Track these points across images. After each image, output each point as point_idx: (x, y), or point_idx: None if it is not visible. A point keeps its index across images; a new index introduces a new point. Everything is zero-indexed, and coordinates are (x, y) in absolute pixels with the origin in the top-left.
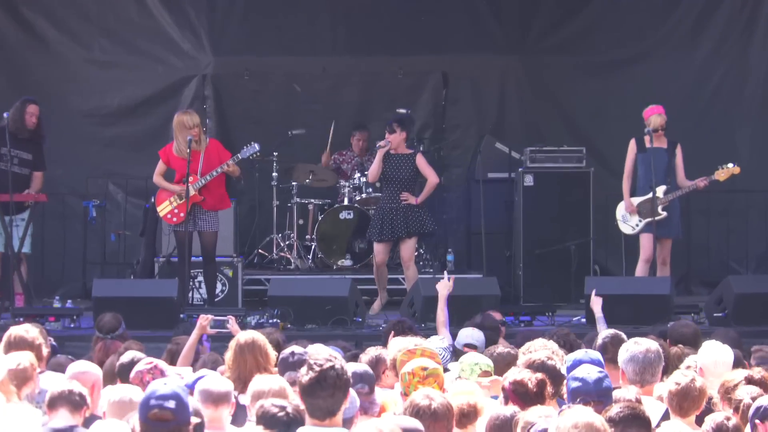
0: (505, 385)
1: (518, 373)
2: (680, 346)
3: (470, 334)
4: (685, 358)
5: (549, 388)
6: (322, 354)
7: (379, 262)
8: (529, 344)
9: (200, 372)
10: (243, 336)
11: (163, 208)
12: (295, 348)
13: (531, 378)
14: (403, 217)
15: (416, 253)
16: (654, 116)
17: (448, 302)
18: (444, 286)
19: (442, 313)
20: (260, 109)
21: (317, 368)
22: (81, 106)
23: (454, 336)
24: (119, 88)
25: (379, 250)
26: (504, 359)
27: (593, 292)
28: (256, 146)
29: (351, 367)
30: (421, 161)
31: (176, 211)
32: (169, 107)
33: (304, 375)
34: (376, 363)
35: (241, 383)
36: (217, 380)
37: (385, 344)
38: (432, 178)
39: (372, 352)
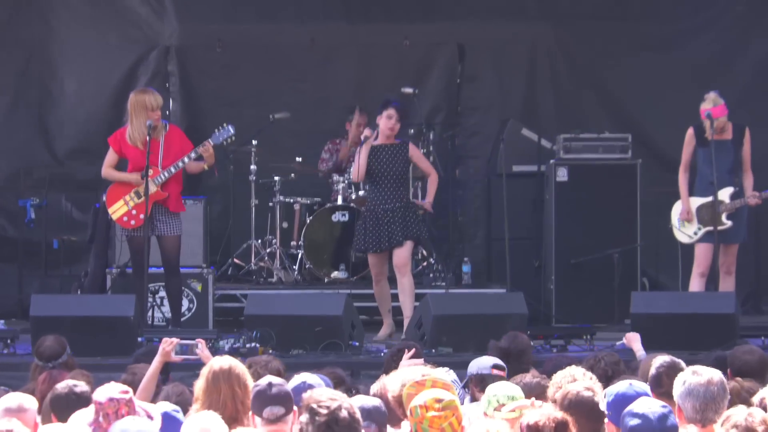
0: (522, 426)
1: (537, 413)
2: (738, 379)
3: (481, 363)
4: (747, 392)
5: (573, 431)
6: (322, 393)
7: (377, 277)
8: (561, 374)
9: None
10: (218, 362)
11: (117, 209)
12: (273, 379)
13: (548, 421)
14: (401, 219)
15: (425, 263)
16: (708, 120)
17: (464, 323)
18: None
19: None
20: (235, 89)
21: (325, 412)
22: None
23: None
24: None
25: (375, 263)
26: (531, 391)
27: (626, 337)
28: (231, 129)
29: (357, 401)
30: (415, 152)
31: (133, 212)
32: (122, 87)
33: (309, 424)
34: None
35: None
36: (207, 422)
37: (387, 373)
38: (433, 172)
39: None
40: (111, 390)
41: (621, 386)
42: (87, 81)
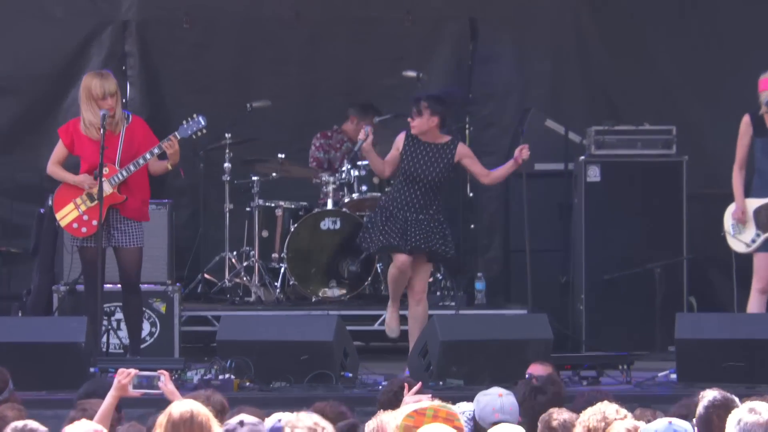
0: None
1: None
2: None
3: (495, 403)
4: None
5: None
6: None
7: (401, 267)
8: (590, 412)
9: None
10: (178, 408)
11: (66, 214)
12: (246, 417)
13: None
14: (424, 233)
15: (431, 279)
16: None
17: (477, 350)
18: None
19: None
20: (206, 72)
21: None
22: None
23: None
24: None
25: (402, 258)
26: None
27: None
28: (201, 120)
29: None
30: (466, 154)
31: (85, 217)
32: (71, 70)
33: None
34: None
35: None
36: None
37: (385, 409)
38: (490, 174)
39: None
40: (83, 429)
41: (658, 425)
42: (26, 63)
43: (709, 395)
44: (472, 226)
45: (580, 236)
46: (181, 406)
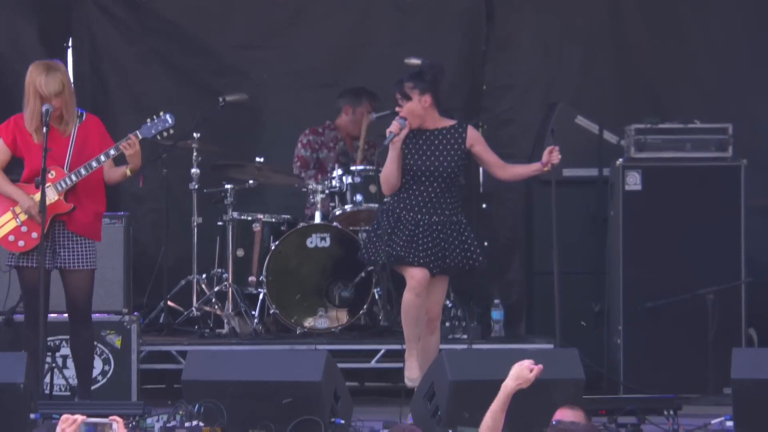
0: None
1: None
2: None
3: None
4: None
5: None
6: None
7: (416, 286)
8: None
9: None
10: None
11: (1, 226)
12: None
13: None
14: (440, 240)
15: None
16: None
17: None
18: (521, 374)
19: (494, 420)
20: (168, 59)
21: None
22: None
23: None
24: None
25: (418, 273)
26: None
27: None
28: (168, 119)
29: None
30: (477, 140)
31: (23, 229)
32: (5, 58)
33: None
34: None
35: None
36: None
37: None
38: (507, 167)
39: None
40: None
41: None
42: None
43: None
44: (486, 243)
45: (618, 256)
46: None
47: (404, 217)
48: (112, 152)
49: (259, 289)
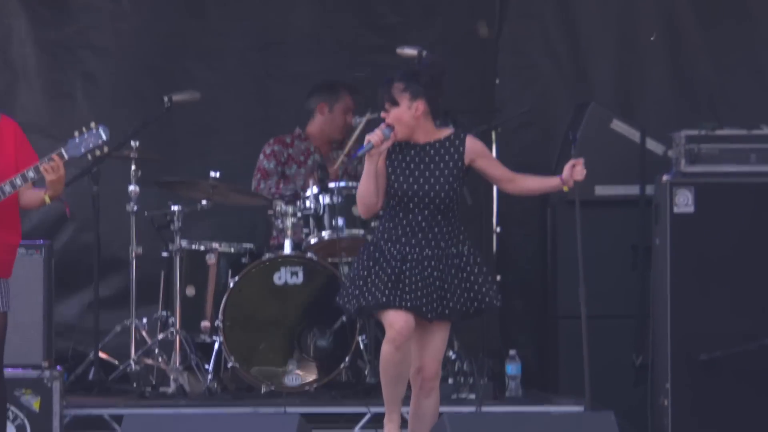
0: None
1: None
2: None
3: None
4: None
5: None
6: None
7: (396, 336)
8: None
9: None
10: None
11: None
12: None
13: None
14: (433, 279)
15: None
16: None
17: None
18: None
19: None
20: (101, 48)
21: None
22: None
23: None
24: None
25: (399, 320)
26: None
27: None
28: (102, 133)
29: None
30: (478, 151)
31: None
32: None
33: None
34: None
35: None
36: None
37: None
38: (519, 177)
39: None
40: None
41: None
42: None
43: None
44: (500, 277)
45: (664, 295)
46: None
47: (388, 251)
48: (30, 175)
49: (215, 337)
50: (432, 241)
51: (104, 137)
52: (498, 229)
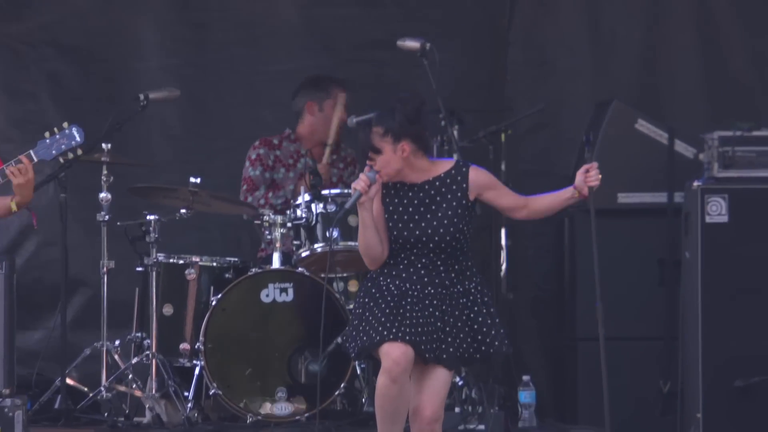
0: None
1: None
2: None
3: None
4: None
5: None
6: None
7: (392, 369)
8: None
9: None
10: None
11: None
12: None
13: None
14: (442, 321)
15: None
16: None
17: None
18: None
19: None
20: (68, 42)
21: None
22: None
23: None
24: None
25: (395, 350)
26: None
27: None
28: (76, 134)
29: None
30: (484, 181)
31: None
32: None
33: None
34: None
35: None
36: None
37: None
38: (530, 202)
39: None
40: None
41: None
42: None
43: None
44: (511, 296)
45: (695, 314)
46: None
47: (386, 287)
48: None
49: (195, 361)
50: (436, 279)
51: (78, 138)
52: (508, 243)
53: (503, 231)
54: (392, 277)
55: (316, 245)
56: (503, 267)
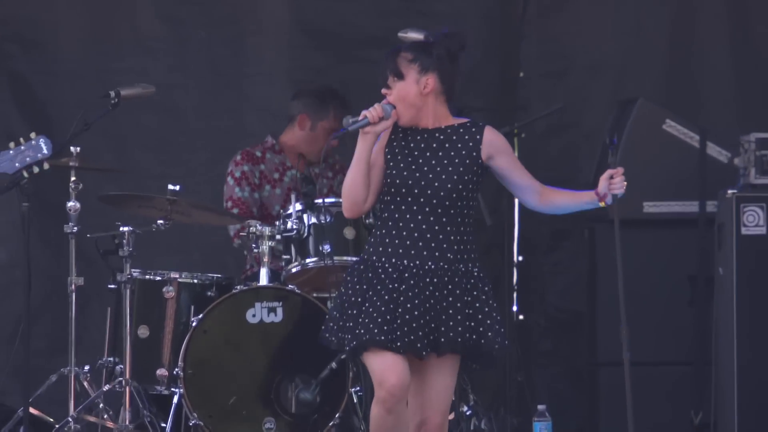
0: None
1: None
2: None
3: None
4: None
5: None
6: None
7: (388, 394)
8: None
9: None
10: None
11: None
12: None
13: None
14: (439, 302)
15: (451, 415)
16: None
17: None
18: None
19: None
20: (30, 37)
21: None
22: None
23: None
24: None
25: (391, 376)
26: None
27: None
28: (43, 145)
29: None
30: (498, 145)
31: None
32: None
33: None
34: None
35: None
36: None
37: None
38: (543, 189)
39: None
40: None
41: None
42: None
43: None
44: (522, 317)
45: (729, 336)
46: None
47: (382, 269)
48: None
49: (174, 389)
50: (436, 251)
51: (45, 151)
52: (519, 258)
53: (515, 246)
54: (387, 256)
55: (308, 260)
56: (515, 285)
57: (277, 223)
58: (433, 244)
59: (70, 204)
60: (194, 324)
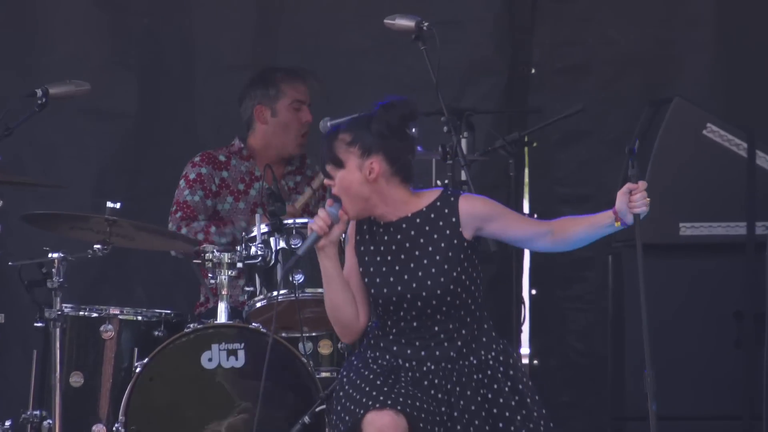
0: None
1: None
2: None
3: None
4: None
5: None
6: None
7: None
8: None
9: None
10: None
11: None
12: None
13: None
14: (457, 408)
15: None
16: None
17: None
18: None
19: None
20: None
21: None
22: None
23: None
24: None
25: (382, 418)
26: None
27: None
28: None
29: None
30: (477, 214)
31: None
32: None
33: None
34: None
35: None
36: None
37: None
38: (548, 227)
39: None
40: None
41: None
42: None
43: None
44: (536, 362)
45: None
46: None
47: (375, 360)
48: None
49: None
50: (436, 352)
51: None
52: (532, 291)
53: (527, 277)
54: (381, 350)
55: (275, 293)
56: (526, 325)
57: (237, 248)
58: (431, 345)
59: None
60: (138, 370)
